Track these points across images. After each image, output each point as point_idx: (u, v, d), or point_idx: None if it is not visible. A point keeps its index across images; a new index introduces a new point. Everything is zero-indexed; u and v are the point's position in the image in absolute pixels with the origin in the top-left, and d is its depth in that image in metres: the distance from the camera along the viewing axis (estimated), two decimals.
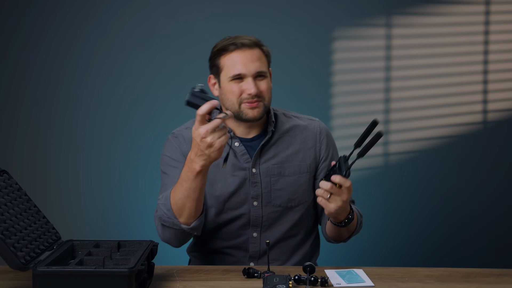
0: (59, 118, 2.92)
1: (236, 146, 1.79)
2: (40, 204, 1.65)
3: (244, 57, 1.72)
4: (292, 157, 1.82)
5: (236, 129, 1.81)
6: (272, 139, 1.81)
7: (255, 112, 1.74)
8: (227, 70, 1.74)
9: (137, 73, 2.91)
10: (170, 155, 1.82)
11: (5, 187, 1.55)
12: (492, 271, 1.62)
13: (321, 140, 1.85)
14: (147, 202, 2.83)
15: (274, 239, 1.80)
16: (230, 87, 1.73)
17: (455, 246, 2.99)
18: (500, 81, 2.96)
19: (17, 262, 1.37)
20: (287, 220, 1.81)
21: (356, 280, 1.52)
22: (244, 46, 1.73)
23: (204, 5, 2.89)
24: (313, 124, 1.87)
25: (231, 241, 1.81)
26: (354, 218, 1.72)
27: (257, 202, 1.78)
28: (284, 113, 1.88)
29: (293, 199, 1.80)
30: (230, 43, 1.73)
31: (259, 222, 1.79)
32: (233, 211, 1.78)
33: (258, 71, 1.73)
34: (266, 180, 1.79)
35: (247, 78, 1.72)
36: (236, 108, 1.74)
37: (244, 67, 1.71)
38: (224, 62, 1.75)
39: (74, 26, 2.88)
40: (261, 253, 1.80)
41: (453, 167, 2.98)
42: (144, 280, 1.41)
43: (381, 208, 2.96)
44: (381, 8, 2.91)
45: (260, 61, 1.74)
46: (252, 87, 1.71)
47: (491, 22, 2.94)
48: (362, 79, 2.95)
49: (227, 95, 1.75)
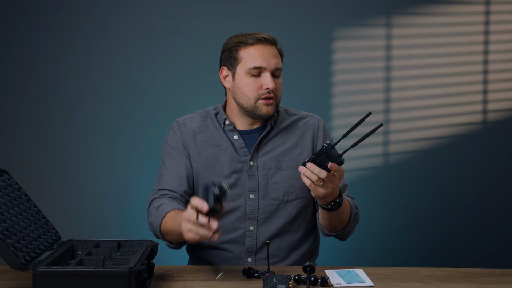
0: (59, 118, 2.92)
1: (235, 139, 1.82)
2: (40, 204, 1.65)
3: (265, 51, 1.75)
4: (289, 151, 1.83)
5: (237, 122, 1.83)
6: (271, 133, 1.83)
7: (269, 109, 1.77)
8: (245, 62, 1.76)
9: (137, 73, 2.91)
10: (171, 144, 1.85)
11: (5, 187, 1.55)
12: (492, 271, 1.62)
13: (318, 136, 1.87)
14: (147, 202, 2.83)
15: (271, 233, 1.80)
16: (247, 80, 1.76)
17: (455, 246, 2.99)
18: (500, 81, 2.96)
19: (17, 262, 1.37)
20: (284, 214, 1.81)
21: (356, 280, 1.52)
22: (265, 41, 1.76)
23: (204, 5, 2.89)
24: (313, 119, 1.89)
25: (228, 235, 1.81)
26: (345, 206, 1.70)
27: (253, 195, 1.80)
28: (286, 109, 1.91)
29: (290, 193, 1.81)
30: (251, 36, 1.76)
31: (255, 215, 1.80)
32: (229, 202, 1.80)
33: (277, 67, 1.77)
34: (263, 173, 1.80)
35: (265, 73, 1.75)
36: (252, 103, 1.76)
37: (264, 61, 1.74)
38: (244, 54, 1.76)
39: (74, 26, 2.88)
40: (257, 248, 1.81)
41: (453, 167, 2.98)
42: (144, 280, 1.41)
43: (381, 208, 2.96)
44: (381, 8, 2.91)
45: (278, 58, 1.78)
46: (270, 82, 1.74)
47: (491, 22, 2.94)
48: (362, 79, 2.95)
49: (242, 89, 1.77)
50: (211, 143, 1.83)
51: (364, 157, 2.95)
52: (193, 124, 1.85)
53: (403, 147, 2.96)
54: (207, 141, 1.83)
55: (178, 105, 2.87)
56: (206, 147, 1.82)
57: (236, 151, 1.81)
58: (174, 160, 1.82)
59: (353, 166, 2.92)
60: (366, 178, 2.94)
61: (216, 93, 2.09)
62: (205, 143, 1.83)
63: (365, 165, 2.95)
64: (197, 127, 1.85)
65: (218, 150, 1.82)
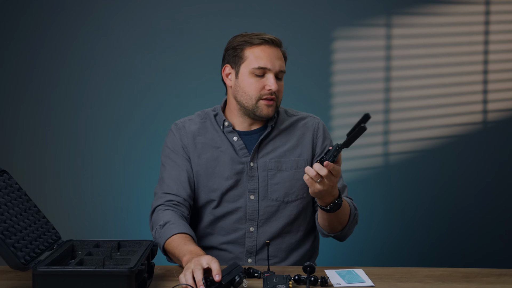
0: (59, 118, 2.92)
1: (234, 140, 1.82)
2: (40, 204, 1.65)
3: (270, 52, 1.76)
4: (290, 152, 1.83)
5: (238, 123, 1.83)
6: (271, 134, 1.83)
7: (270, 110, 1.77)
8: (250, 62, 1.76)
9: (137, 73, 2.91)
10: (171, 147, 1.85)
11: (5, 187, 1.55)
12: (492, 271, 1.62)
13: (318, 136, 1.87)
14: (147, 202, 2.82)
15: (271, 234, 1.81)
16: (250, 80, 1.76)
17: (455, 246, 2.99)
18: (500, 81, 2.96)
19: (17, 262, 1.37)
20: (284, 215, 1.82)
21: (356, 280, 1.52)
22: (272, 42, 1.77)
23: (204, 5, 2.89)
24: (313, 120, 1.89)
25: (228, 236, 1.81)
26: (344, 207, 1.71)
27: (254, 196, 1.80)
28: (286, 110, 1.91)
29: (290, 194, 1.81)
30: (258, 37, 1.76)
31: (255, 216, 1.80)
32: (230, 204, 1.80)
33: (281, 70, 1.77)
34: (263, 174, 1.80)
35: (269, 74, 1.75)
36: (253, 103, 1.76)
37: (269, 61, 1.75)
38: (249, 54, 1.76)
39: (74, 26, 2.88)
40: (258, 249, 1.81)
41: (453, 167, 2.98)
42: (144, 280, 1.41)
43: (381, 208, 2.96)
44: (381, 8, 2.91)
45: (282, 61, 1.79)
46: (273, 83, 1.74)
47: (491, 22, 2.94)
48: (362, 79, 2.95)
49: (245, 88, 1.77)
50: (211, 145, 1.83)
51: (364, 157, 2.95)
52: (192, 127, 1.85)
53: (403, 147, 2.96)
54: (207, 143, 1.83)
55: (178, 105, 2.87)
56: (206, 149, 1.82)
57: (236, 152, 1.81)
58: (175, 164, 1.82)
59: (353, 166, 2.92)
60: (366, 178, 2.94)
61: (216, 93, 2.09)
62: (205, 146, 1.83)
63: (365, 165, 2.95)
64: (196, 129, 1.84)
65: (218, 152, 1.82)
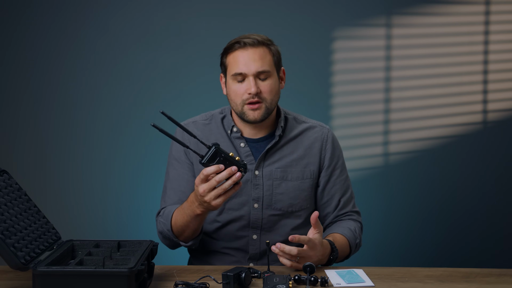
0: (59, 118, 2.92)
1: (241, 147, 1.79)
2: (40, 204, 1.65)
3: (246, 56, 1.71)
4: (296, 162, 1.81)
5: (244, 129, 1.81)
6: (278, 143, 1.81)
7: (256, 114, 1.73)
8: (230, 68, 1.75)
9: (137, 73, 2.91)
10: (174, 154, 1.84)
11: (5, 187, 1.54)
12: (492, 271, 1.62)
13: (327, 147, 1.84)
14: (147, 202, 2.83)
15: (275, 242, 1.79)
16: (234, 86, 1.74)
17: (455, 246, 2.99)
18: (500, 81, 2.96)
19: (17, 262, 1.37)
20: (288, 224, 1.81)
21: (356, 280, 1.52)
22: (246, 45, 1.72)
23: (204, 5, 2.89)
24: (322, 130, 1.86)
25: (231, 243, 1.81)
26: (342, 250, 1.72)
27: (257, 205, 1.78)
28: (295, 117, 1.87)
29: (294, 204, 1.80)
30: (236, 41, 1.74)
31: (258, 224, 1.79)
32: (233, 211, 1.79)
33: (259, 70, 1.71)
34: (268, 183, 1.79)
35: (248, 78, 1.72)
36: (239, 109, 1.74)
37: (244, 66, 1.71)
38: (229, 61, 1.75)
39: (74, 26, 2.88)
40: (260, 255, 1.80)
41: (453, 167, 2.98)
42: (144, 280, 1.41)
43: (381, 208, 2.96)
44: (381, 8, 2.91)
45: (262, 60, 1.72)
46: (252, 86, 1.70)
47: (491, 22, 2.94)
48: (362, 79, 2.95)
49: (231, 95, 1.76)
50: None
51: (364, 157, 2.95)
52: (195, 131, 1.81)
53: (403, 147, 2.96)
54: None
55: (178, 105, 2.86)
56: None
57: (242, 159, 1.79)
58: (176, 173, 1.81)
59: (353, 166, 2.92)
60: (366, 178, 2.94)
61: (216, 93, 2.09)
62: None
63: (365, 165, 2.95)
64: (199, 133, 1.81)
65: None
